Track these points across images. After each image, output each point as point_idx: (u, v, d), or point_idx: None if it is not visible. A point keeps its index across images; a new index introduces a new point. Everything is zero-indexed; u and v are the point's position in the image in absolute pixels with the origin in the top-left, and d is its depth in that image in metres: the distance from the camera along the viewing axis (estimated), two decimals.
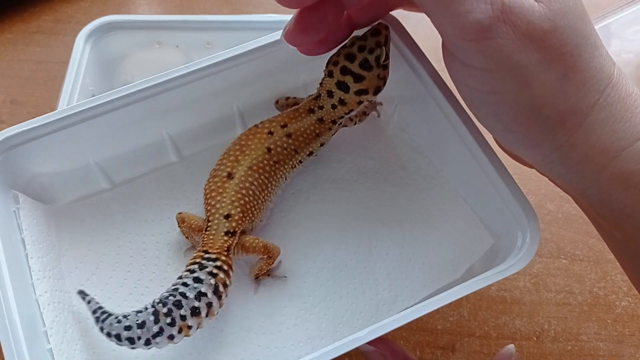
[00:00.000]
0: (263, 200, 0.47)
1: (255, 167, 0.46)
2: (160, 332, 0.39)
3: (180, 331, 0.40)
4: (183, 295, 0.40)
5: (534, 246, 0.41)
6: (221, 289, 0.42)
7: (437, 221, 0.50)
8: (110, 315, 0.40)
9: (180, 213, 0.47)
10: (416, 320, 0.51)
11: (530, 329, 0.51)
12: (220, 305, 0.42)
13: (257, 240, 0.46)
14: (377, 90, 0.46)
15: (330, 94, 0.47)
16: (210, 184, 0.46)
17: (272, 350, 0.45)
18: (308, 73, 0.53)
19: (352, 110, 0.48)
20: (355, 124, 0.52)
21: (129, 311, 0.40)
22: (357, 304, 0.47)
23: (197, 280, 0.41)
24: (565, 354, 0.50)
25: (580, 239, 0.56)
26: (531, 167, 0.40)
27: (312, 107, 0.48)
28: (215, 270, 0.42)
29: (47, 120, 0.45)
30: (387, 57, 0.46)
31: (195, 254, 0.43)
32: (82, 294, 0.42)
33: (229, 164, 0.46)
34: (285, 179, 0.49)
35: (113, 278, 0.48)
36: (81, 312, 0.45)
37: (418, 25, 0.65)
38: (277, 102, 0.53)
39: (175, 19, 0.61)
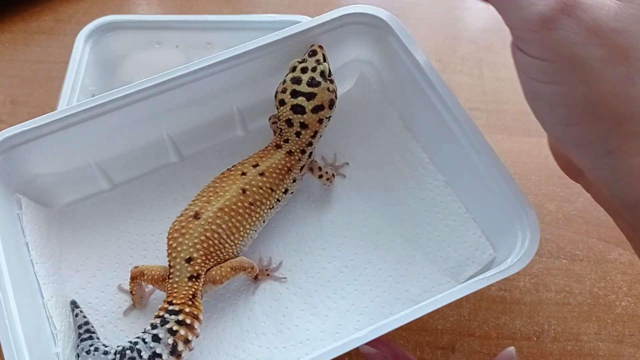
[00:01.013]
0: (232, 243, 0.45)
1: (227, 209, 0.45)
2: None
3: None
4: (139, 352, 0.40)
5: (533, 246, 0.41)
6: (180, 347, 0.41)
7: (439, 228, 0.50)
8: (91, 337, 0.41)
9: (137, 267, 0.45)
10: (416, 320, 0.51)
11: (530, 329, 0.51)
12: None
13: (222, 268, 0.44)
14: (332, 104, 0.47)
15: (289, 122, 0.47)
16: (175, 223, 0.45)
17: (272, 350, 0.45)
18: None
19: (316, 132, 0.48)
20: (327, 184, 0.51)
21: (101, 346, 0.41)
22: (357, 305, 0.47)
23: (156, 338, 0.40)
24: (565, 354, 0.50)
25: (580, 239, 0.56)
26: (577, 180, 0.39)
27: (278, 142, 0.48)
28: (175, 327, 0.41)
29: (47, 120, 0.45)
30: (330, 72, 0.47)
31: (161, 304, 0.43)
32: (74, 304, 0.42)
33: (199, 204, 0.45)
34: (263, 221, 0.48)
35: (113, 279, 0.48)
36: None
37: (418, 25, 0.65)
38: (269, 119, 0.52)
39: (175, 19, 0.61)
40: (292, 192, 0.50)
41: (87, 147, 0.48)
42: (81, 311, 0.42)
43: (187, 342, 0.41)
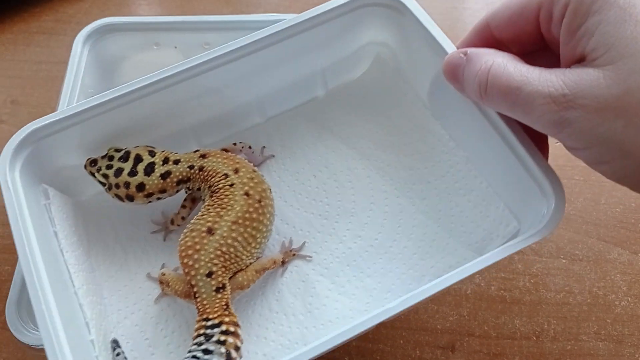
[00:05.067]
0: (250, 252, 0.45)
1: (240, 220, 0.44)
2: None
3: None
4: None
5: (560, 211, 0.40)
6: (234, 354, 0.40)
7: (461, 204, 0.49)
8: None
9: (164, 274, 0.46)
10: (416, 319, 0.52)
11: (530, 329, 0.51)
12: None
13: (247, 273, 0.44)
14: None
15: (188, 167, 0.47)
16: (187, 239, 0.44)
17: (302, 330, 0.45)
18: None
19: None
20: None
21: None
22: (384, 283, 0.47)
23: (207, 352, 0.40)
24: (564, 354, 0.50)
25: (580, 238, 0.56)
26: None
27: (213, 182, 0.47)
28: (222, 337, 0.40)
29: (73, 111, 0.45)
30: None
31: (197, 324, 0.42)
32: (115, 343, 0.42)
33: (209, 219, 0.44)
34: (274, 216, 0.48)
35: (141, 267, 0.49)
36: (112, 304, 0.47)
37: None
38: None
39: (172, 20, 0.61)
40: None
41: (111, 138, 0.49)
42: (122, 351, 0.42)
43: (237, 349, 0.40)
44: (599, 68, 0.33)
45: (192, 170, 0.47)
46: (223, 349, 0.40)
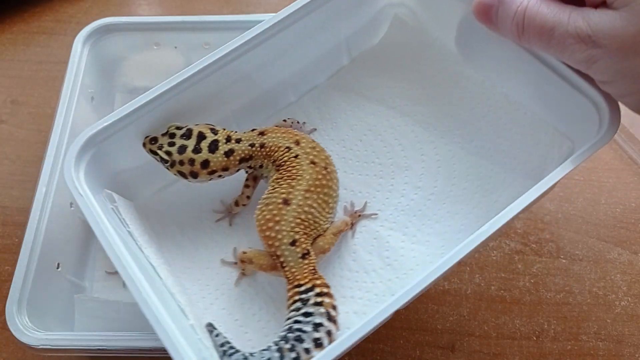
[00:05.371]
0: (326, 216, 0.46)
1: (312, 187, 0.45)
2: None
3: None
4: (301, 330, 0.40)
5: (616, 120, 0.41)
6: (332, 312, 0.41)
7: (509, 137, 0.50)
8: (237, 351, 0.40)
9: (245, 252, 0.46)
10: (416, 319, 0.52)
11: (530, 329, 0.51)
12: (337, 329, 0.41)
13: (326, 237, 0.46)
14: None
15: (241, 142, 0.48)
16: (264, 212, 0.45)
17: (385, 283, 0.46)
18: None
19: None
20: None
21: (255, 351, 0.40)
22: (453, 225, 0.48)
23: (308, 314, 0.41)
24: (565, 354, 0.50)
25: (580, 238, 0.56)
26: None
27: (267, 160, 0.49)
28: (319, 299, 0.41)
29: (124, 112, 0.45)
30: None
31: (290, 292, 0.43)
32: (211, 326, 0.42)
33: (282, 191, 0.45)
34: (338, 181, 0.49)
35: (213, 255, 0.49)
36: (195, 293, 0.48)
37: None
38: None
39: (172, 20, 0.61)
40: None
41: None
42: (220, 332, 0.42)
43: (334, 307, 0.42)
44: (616, 10, 0.36)
45: (254, 149, 0.47)
46: (322, 309, 0.41)
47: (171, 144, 0.47)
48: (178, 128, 0.47)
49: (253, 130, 0.49)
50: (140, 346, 0.45)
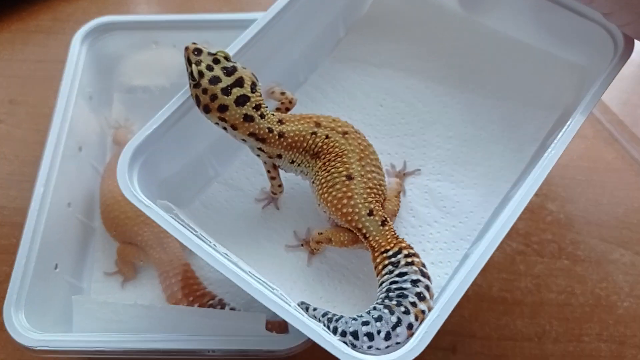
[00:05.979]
0: (382, 175, 0.48)
1: (363, 155, 0.46)
2: (399, 321, 0.39)
3: (416, 318, 0.40)
4: (401, 288, 0.41)
5: (630, 42, 0.44)
6: (425, 269, 0.43)
7: (519, 77, 0.54)
8: (342, 316, 0.41)
9: (321, 233, 0.47)
10: None
11: (532, 330, 0.51)
12: (431, 283, 0.43)
13: (392, 201, 0.47)
14: (254, 75, 0.46)
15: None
16: (333, 193, 0.45)
17: (450, 230, 0.49)
18: None
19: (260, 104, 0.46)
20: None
21: (364, 314, 0.41)
22: (492, 164, 0.51)
23: (402, 274, 0.42)
24: (566, 355, 0.50)
25: (582, 239, 0.55)
26: None
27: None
28: (409, 259, 0.43)
29: (162, 118, 0.45)
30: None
31: (377, 259, 0.44)
32: (303, 304, 0.43)
33: (340, 169, 0.46)
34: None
35: (276, 244, 0.50)
36: (272, 281, 0.46)
37: None
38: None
39: (171, 18, 0.61)
40: None
41: (196, 137, 0.49)
42: (315, 308, 0.43)
43: (424, 265, 0.43)
44: None
45: (271, 135, 0.46)
46: (415, 267, 0.42)
47: (209, 68, 0.45)
48: (227, 59, 0.46)
49: (275, 111, 0.48)
50: (138, 348, 0.45)
